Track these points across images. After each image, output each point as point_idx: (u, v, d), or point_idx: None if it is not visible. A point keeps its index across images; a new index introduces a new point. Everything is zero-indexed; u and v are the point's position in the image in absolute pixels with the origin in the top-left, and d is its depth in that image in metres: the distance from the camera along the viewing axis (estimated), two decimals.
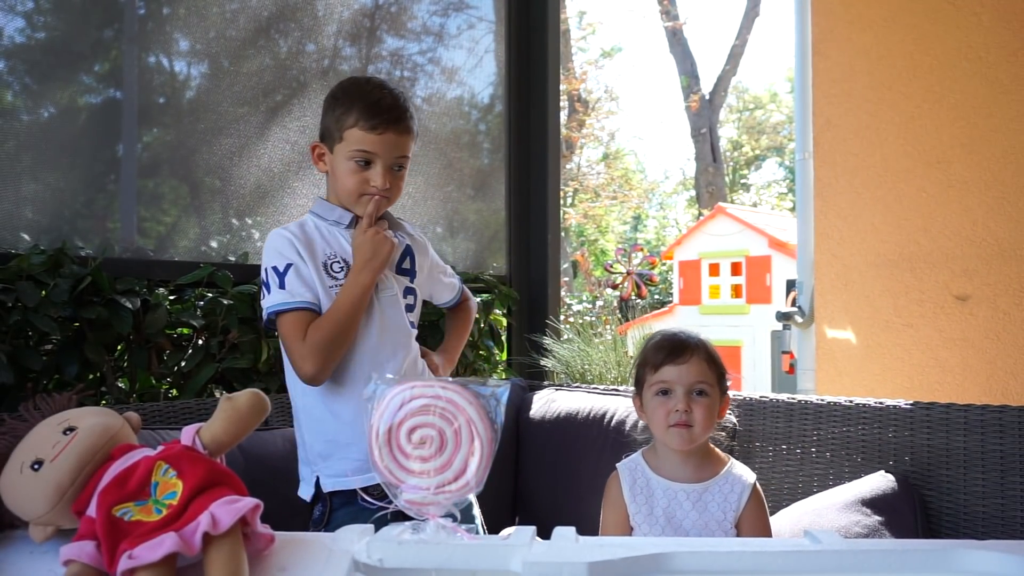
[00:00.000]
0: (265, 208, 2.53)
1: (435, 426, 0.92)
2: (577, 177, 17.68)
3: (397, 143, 1.61)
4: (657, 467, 1.50)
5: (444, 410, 0.93)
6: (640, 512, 1.47)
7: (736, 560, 0.96)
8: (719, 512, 1.44)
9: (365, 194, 1.62)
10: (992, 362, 2.64)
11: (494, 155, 3.30)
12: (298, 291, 1.56)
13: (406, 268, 1.75)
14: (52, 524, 0.99)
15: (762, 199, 19.97)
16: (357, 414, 1.56)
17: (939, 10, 2.78)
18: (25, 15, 2.17)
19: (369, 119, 1.58)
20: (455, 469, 0.91)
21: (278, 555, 0.96)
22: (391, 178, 1.63)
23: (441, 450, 0.91)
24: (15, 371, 1.82)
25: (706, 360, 1.48)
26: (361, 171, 1.61)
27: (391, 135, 1.60)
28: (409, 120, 1.64)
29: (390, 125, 1.59)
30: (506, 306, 3.14)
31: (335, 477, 1.59)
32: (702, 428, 1.45)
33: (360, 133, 1.59)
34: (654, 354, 1.50)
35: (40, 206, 2.12)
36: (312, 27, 2.69)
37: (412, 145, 1.66)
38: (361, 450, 1.51)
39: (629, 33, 34.31)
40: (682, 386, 1.45)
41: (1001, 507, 1.64)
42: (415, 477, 0.91)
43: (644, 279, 9.65)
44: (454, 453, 0.91)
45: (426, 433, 0.92)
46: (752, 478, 1.49)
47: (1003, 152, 2.65)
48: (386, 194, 1.63)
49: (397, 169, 1.64)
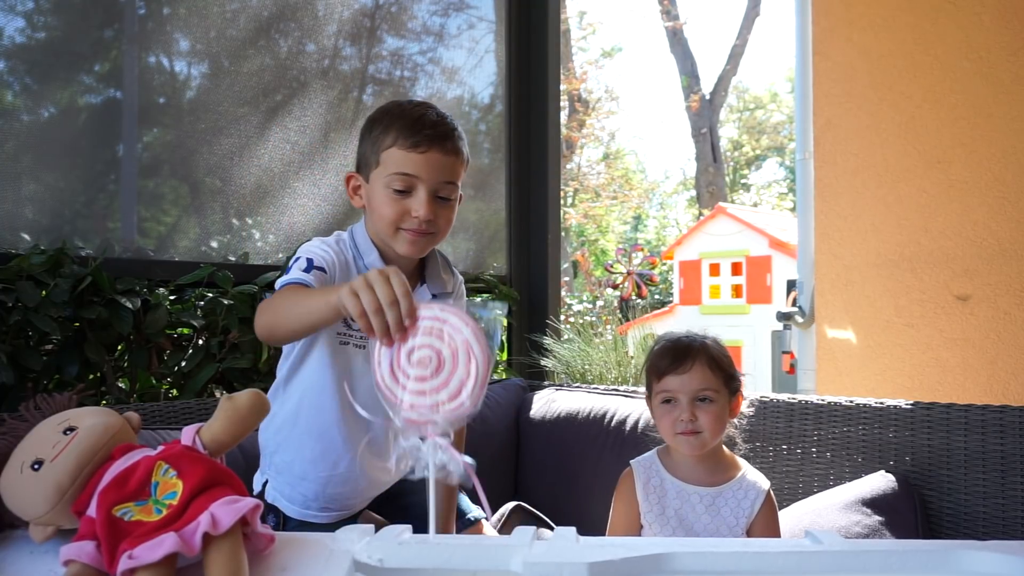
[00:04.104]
0: (265, 208, 2.53)
1: (433, 347, 0.94)
2: (577, 177, 17.68)
3: (443, 165, 1.39)
4: (671, 468, 1.49)
5: (442, 332, 0.95)
6: (652, 511, 1.45)
7: (737, 560, 0.95)
8: (731, 517, 1.43)
9: (404, 228, 1.41)
10: (993, 362, 2.64)
11: (494, 155, 3.30)
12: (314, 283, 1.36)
13: None
14: (52, 524, 0.99)
15: (762, 199, 19.97)
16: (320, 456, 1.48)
17: (940, 10, 2.78)
18: (25, 15, 2.17)
19: (410, 136, 1.38)
20: (451, 389, 0.93)
21: (278, 555, 0.96)
22: (436, 209, 1.40)
23: (439, 371, 0.94)
24: (15, 371, 1.82)
25: (709, 365, 1.44)
26: (400, 200, 1.39)
27: (436, 154, 1.38)
28: (458, 141, 1.43)
29: (434, 143, 1.38)
30: (506, 306, 3.14)
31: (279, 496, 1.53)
32: (711, 433, 1.43)
33: (400, 153, 1.38)
34: (658, 360, 1.48)
35: (40, 206, 2.12)
36: (312, 27, 2.69)
37: (462, 172, 1.45)
38: (312, 489, 1.49)
39: (629, 33, 34.33)
40: (685, 395, 1.43)
41: (1002, 507, 1.64)
42: (414, 396, 0.93)
43: (644, 279, 9.65)
44: (451, 374, 0.93)
45: (424, 354, 0.94)
46: (766, 485, 1.47)
47: (1004, 152, 2.65)
48: (430, 228, 1.41)
49: (444, 200, 1.42)
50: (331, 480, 1.51)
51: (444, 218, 1.44)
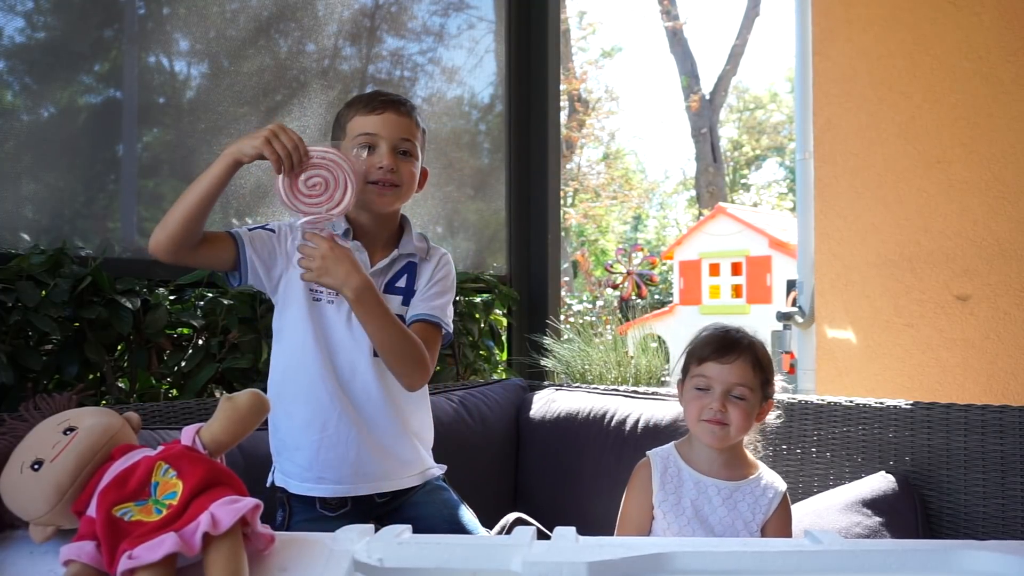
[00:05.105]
0: (265, 208, 2.53)
1: (323, 176, 1.45)
2: (577, 177, 17.69)
3: (399, 123, 1.57)
4: (689, 459, 1.48)
5: (329, 164, 1.45)
6: (667, 501, 1.44)
7: (737, 560, 0.96)
8: (748, 513, 1.43)
9: (372, 182, 1.55)
10: (993, 362, 2.64)
11: (494, 155, 3.30)
12: (244, 230, 1.57)
13: (400, 287, 1.64)
14: (52, 524, 0.99)
15: (762, 199, 19.97)
16: (309, 420, 1.56)
17: (940, 10, 2.78)
18: (25, 15, 2.17)
19: (367, 104, 1.58)
20: (335, 201, 1.45)
21: (278, 555, 0.96)
22: (398, 162, 1.57)
23: (326, 190, 1.45)
24: (15, 371, 1.82)
25: (752, 363, 1.44)
26: (367, 157, 1.56)
27: (391, 115, 1.57)
28: (412, 109, 1.61)
29: (388, 106, 1.57)
30: (506, 306, 3.14)
31: (283, 475, 1.62)
32: (738, 429, 1.42)
33: (360, 119, 1.58)
34: (702, 347, 1.47)
35: (40, 206, 2.12)
36: (312, 27, 2.69)
37: (418, 135, 1.61)
38: (306, 456, 1.57)
39: (629, 33, 34.36)
40: (721, 385, 1.42)
41: (1002, 507, 1.64)
42: (311, 208, 1.45)
43: (644, 279, 9.66)
44: (334, 191, 1.45)
45: (316, 180, 1.45)
46: (783, 486, 1.47)
47: (1004, 152, 2.65)
48: (395, 179, 1.57)
49: (404, 155, 1.58)
50: (322, 444, 1.57)
51: (406, 171, 1.59)
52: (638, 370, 3.00)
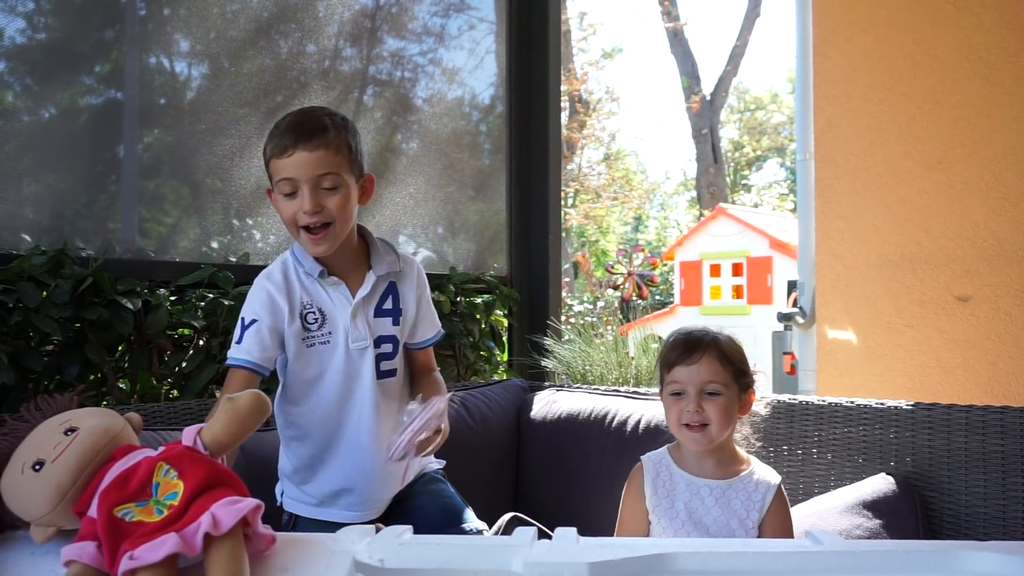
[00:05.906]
0: (265, 208, 2.53)
1: None
2: (578, 178, 17.69)
3: (312, 160, 1.48)
4: (680, 462, 1.49)
5: None
6: (661, 505, 1.45)
7: (737, 560, 0.96)
8: (742, 510, 1.43)
9: (301, 227, 1.51)
10: (993, 363, 2.64)
11: (495, 156, 3.30)
12: (249, 349, 1.52)
13: (387, 309, 1.63)
14: (53, 525, 0.99)
15: (763, 200, 19.97)
16: (314, 458, 1.63)
17: (940, 11, 2.78)
18: (26, 16, 2.17)
19: (277, 144, 1.50)
20: None
21: (279, 555, 0.96)
22: (322, 199, 1.49)
23: None
24: (16, 372, 1.82)
25: (719, 358, 1.45)
26: (291, 202, 1.51)
27: (302, 153, 1.48)
28: (321, 134, 1.49)
29: (298, 143, 1.48)
30: (507, 307, 3.14)
31: (292, 500, 1.67)
32: (719, 427, 1.42)
33: (275, 162, 1.51)
34: (669, 353, 1.48)
35: (41, 207, 2.12)
36: (313, 28, 2.69)
37: (340, 159, 1.51)
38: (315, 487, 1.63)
39: (630, 34, 34.36)
40: (693, 387, 1.43)
41: (1002, 508, 1.64)
42: None
43: (645, 280, 9.67)
44: None
45: None
46: (777, 479, 1.47)
47: (1004, 153, 2.65)
48: (323, 219, 1.50)
49: (329, 189, 1.50)
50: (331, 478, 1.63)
51: (335, 204, 1.51)
52: (639, 371, 3.00)
